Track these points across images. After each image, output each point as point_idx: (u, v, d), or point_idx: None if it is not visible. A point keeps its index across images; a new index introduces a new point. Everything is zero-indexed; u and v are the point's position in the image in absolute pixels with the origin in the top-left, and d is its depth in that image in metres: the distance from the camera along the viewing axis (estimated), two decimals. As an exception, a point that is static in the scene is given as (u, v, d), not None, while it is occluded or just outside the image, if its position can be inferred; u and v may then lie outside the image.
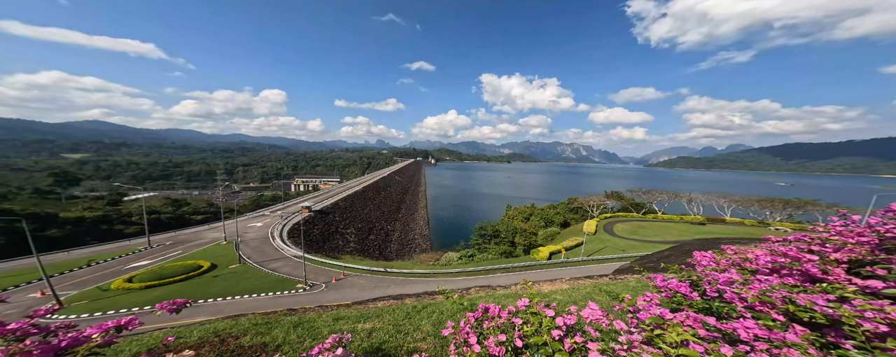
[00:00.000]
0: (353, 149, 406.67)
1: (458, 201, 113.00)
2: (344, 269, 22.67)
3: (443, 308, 3.74)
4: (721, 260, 1.90)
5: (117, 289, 16.70)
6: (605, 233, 42.39)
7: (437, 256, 45.60)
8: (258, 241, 28.86)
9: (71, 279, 18.50)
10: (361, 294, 17.91)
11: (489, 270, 24.79)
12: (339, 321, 3.42)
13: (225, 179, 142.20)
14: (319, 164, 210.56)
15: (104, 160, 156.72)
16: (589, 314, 1.25)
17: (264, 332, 3.08)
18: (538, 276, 23.36)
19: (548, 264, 27.45)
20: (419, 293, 6.05)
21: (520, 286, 7.11)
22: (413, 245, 58.97)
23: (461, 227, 68.54)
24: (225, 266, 21.36)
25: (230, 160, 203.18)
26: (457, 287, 17.95)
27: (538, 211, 60.35)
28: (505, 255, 38.03)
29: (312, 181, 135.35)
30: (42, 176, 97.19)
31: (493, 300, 4.72)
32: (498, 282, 19.80)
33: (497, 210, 79.78)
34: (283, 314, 4.14)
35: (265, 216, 41.76)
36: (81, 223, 33.06)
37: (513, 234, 44.33)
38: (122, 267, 20.95)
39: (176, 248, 25.88)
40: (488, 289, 7.13)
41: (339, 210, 47.64)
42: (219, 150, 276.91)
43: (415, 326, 3.11)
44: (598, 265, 26.30)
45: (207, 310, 14.84)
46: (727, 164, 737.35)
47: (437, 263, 36.43)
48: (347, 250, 38.56)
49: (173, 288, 17.48)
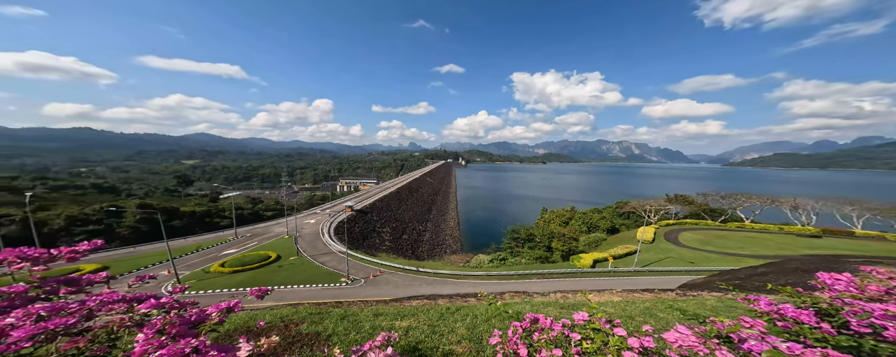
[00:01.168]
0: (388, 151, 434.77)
1: (488, 203, 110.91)
2: (380, 266, 24.49)
3: (476, 311, 3.73)
4: (867, 285, 1.47)
5: (214, 272, 21.32)
6: (667, 242, 36.56)
7: (468, 258, 45.52)
8: (311, 236, 33.25)
9: (185, 261, 24.35)
10: (396, 291, 19.12)
11: (523, 275, 24.00)
12: (378, 317, 3.71)
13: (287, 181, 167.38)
14: (360, 167, 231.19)
15: (207, 165, 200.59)
16: (677, 339, 1.01)
17: (318, 321, 3.51)
18: (580, 284, 21.67)
19: (591, 273, 25.16)
20: (451, 294, 6.15)
21: (560, 295, 6.67)
22: (444, 246, 60.05)
23: (492, 229, 67.39)
24: (287, 257, 25.27)
25: (290, 164, 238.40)
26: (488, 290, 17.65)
27: (579, 215, 55.17)
28: (540, 261, 35.84)
29: (354, 182, 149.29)
30: (169, 178, 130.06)
31: (531, 307, 4.52)
32: (533, 288, 18.91)
33: (531, 213, 76.42)
34: (332, 306, 4.70)
35: (317, 214, 47.84)
36: (193, 216, 43.10)
37: (549, 238, 41.43)
38: (217, 253, 26.64)
39: (253, 240, 31.67)
40: (523, 295, 6.88)
41: (376, 210, 51.57)
42: (283, 155, 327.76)
43: (449, 328, 3.13)
44: (656, 278, 23.29)
45: (273, 296, 17.83)
46: (853, 162, 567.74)
47: (468, 265, 36.35)
48: (383, 248, 41.44)
49: (251, 274, 21.47)
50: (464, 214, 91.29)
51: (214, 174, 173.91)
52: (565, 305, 4.71)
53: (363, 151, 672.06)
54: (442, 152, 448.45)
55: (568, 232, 44.02)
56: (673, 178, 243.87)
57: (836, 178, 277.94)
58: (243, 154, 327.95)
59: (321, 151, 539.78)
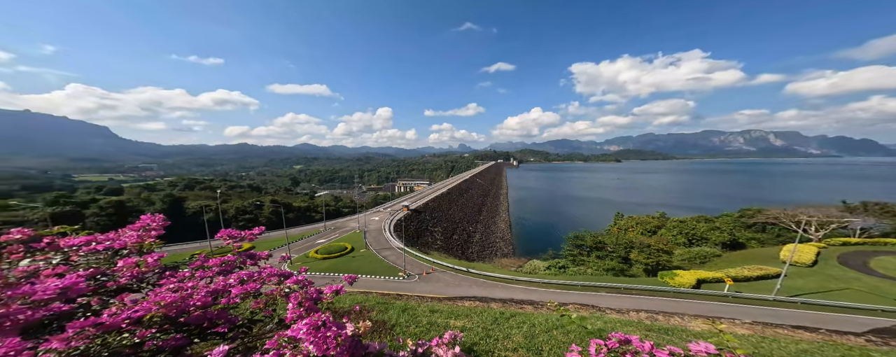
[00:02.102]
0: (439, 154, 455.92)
1: (544, 206, 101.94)
2: (432, 264, 26.29)
3: (534, 320, 3.67)
4: None
5: (311, 257, 27.67)
6: (844, 267, 25.80)
7: (520, 263, 43.19)
8: (376, 232, 38.70)
9: (294, 247, 32.50)
10: (447, 289, 20.17)
11: (589, 287, 21.42)
12: (434, 313, 4.11)
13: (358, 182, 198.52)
14: (414, 169, 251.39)
15: (308, 169, 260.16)
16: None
17: (383, 310, 4.13)
18: (676, 307, 17.59)
19: (693, 294, 20.10)
20: (504, 299, 6.19)
21: (645, 315, 5.83)
22: (494, 248, 58.73)
23: (548, 234, 63.12)
24: (358, 249, 30.36)
25: (360, 167, 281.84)
26: (543, 299, 16.30)
27: (674, 223, 44.26)
28: (613, 273, 30.50)
29: (409, 183, 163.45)
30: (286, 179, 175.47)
31: (604, 324, 4.14)
32: (604, 303, 17.00)
33: (599, 218, 67.73)
34: (394, 298, 5.51)
35: (380, 212, 55.09)
36: (299, 210, 57.12)
37: (626, 248, 34.64)
38: (313, 241, 34.47)
39: (336, 232, 39.37)
40: (593, 309, 6.29)
41: (428, 210, 55.21)
42: (354, 160, 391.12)
43: (504, 334, 3.16)
44: (817, 313, 16.91)
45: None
46: None
47: (520, 270, 34.44)
48: (435, 247, 44.02)
49: (334, 261, 26.89)
50: (515, 217, 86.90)
51: (312, 176, 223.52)
52: (654, 329, 4.10)
53: (417, 154, 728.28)
54: (492, 153, 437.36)
55: (655, 242, 35.76)
56: (854, 179, 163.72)
57: None
58: (329, 160, 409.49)
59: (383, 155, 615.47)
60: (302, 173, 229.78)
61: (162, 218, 1.70)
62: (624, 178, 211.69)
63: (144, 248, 1.49)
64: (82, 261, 1.34)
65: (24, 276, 1.13)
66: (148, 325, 1.02)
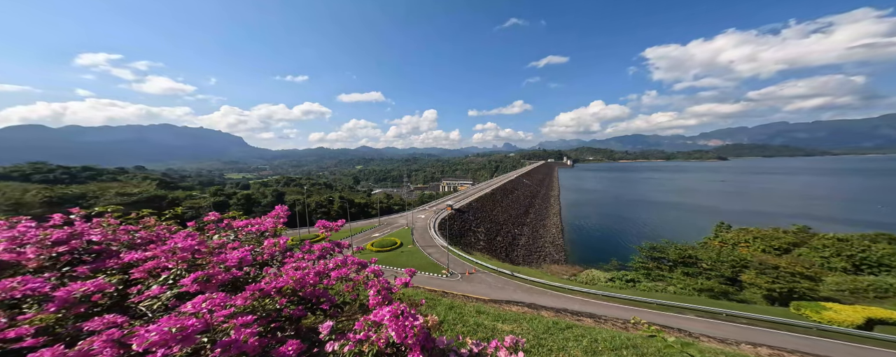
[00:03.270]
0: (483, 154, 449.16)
1: (606, 210, 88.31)
2: (475, 264, 26.26)
3: (596, 335, 3.34)
4: None
5: (368, 250, 31.56)
6: None
7: (574, 271, 38.63)
8: (422, 229, 41.10)
9: (356, 239, 37.56)
10: (490, 291, 19.85)
11: (670, 307, 17.67)
12: (480, 314, 4.09)
13: (407, 181, 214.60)
14: (458, 169, 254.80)
15: (366, 169, 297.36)
16: None
17: (431, 306, 4.23)
18: (819, 348, 13.07)
19: (854, 336, 14.26)
20: (557, 308, 5.81)
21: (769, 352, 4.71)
22: (543, 253, 54.18)
23: (611, 242, 55.38)
24: (406, 245, 32.93)
25: (409, 167, 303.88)
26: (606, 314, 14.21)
27: (823, 241, 31.88)
28: (709, 294, 23.89)
29: (453, 183, 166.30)
30: (349, 178, 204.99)
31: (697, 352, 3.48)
32: (694, 328, 13.89)
33: (688, 228, 56.16)
34: (440, 295, 5.79)
35: (426, 210, 58.19)
36: (360, 206, 66.02)
37: (734, 267, 26.63)
38: (370, 234, 39.17)
39: (388, 227, 43.70)
40: (678, 333, 5.35)
41: (472, 210, 55.18)
42: (403, 160, 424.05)
43: (559, 346, 3.02)
44: None
45: (393, 274, 23.78)
46: None
47: (574, 279, 30.75)
48: (478, 247, 43.68)
49: (386, 255, 29.95)
50: (569, 221, 77.73)
51: (369, 175, 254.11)
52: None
53: (460, 154, 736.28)
54: (541, 152, 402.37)
55: (789, 264, 26.21)
56: None
57: None
58: (382, 160, 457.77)
59: (428, 156, 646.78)
60: (361, 173, 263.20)
61: (286, 209, 2.15)
62: (732, 179, 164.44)
63: (278, 231, 2.00)
64: (245, 238, 1.91)
65: (217, 248, 1.66)
66: (284, 294, 1.37)
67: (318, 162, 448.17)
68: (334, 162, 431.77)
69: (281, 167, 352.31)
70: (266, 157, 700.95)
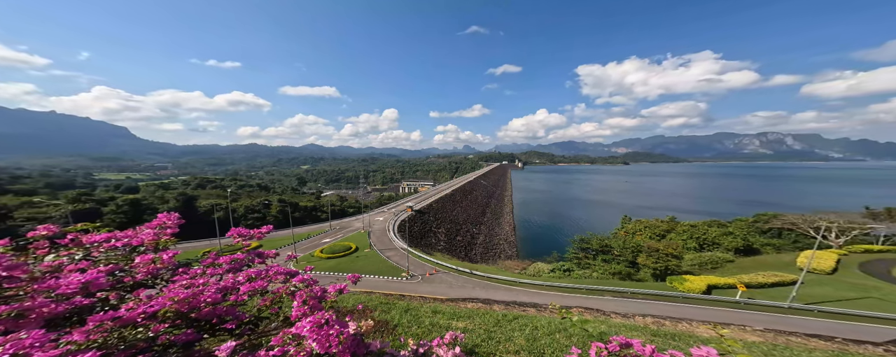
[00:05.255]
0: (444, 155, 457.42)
1: (549, 208, 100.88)
2: (436, 265, 26.29)
3: (537, 322, 3.67)
4: None
5: (317, 256, 28.06)
6: (867, 275, 25.32)
7: (524, 265, 42.83)
8: (380, 232, 38.97)
9: (301, 246, 33.07)
10: (450, 291, 20.13)
11: (594, 290, 21.17)
12: (436, 314, 4.12)
13: (363, 183, 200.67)
14: (419, 170, 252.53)
15: (314, 169, 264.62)
16: None
17: (386, 310, 4.16)
18: (683, 312, 17.37)
19: (702, 300, 19.68)
20: (507, 302, 6.16)
21: (651, 320, 5.75)
22: (498, 250, 58.30)
23: (552, 237, 62.52)
24: (362, 249, 30.64)
25: (366, 167, 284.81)
26: (546, 302, 16.10)
27: (684, 227, 43.24)
28: (619, 277, 29.96)
29: (413, 184, 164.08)
30: (293, 179, 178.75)
31: (608, 328, 4.11)
32: (608, 307, 16.78)
33: (605, 221, 66.98)
34: (397, 298, 5.54)
35: (384, 212, 55.48)
36: (306, 210, 58.07)
37: (633, 252, 33.92)
38: (319, 240, 34.95)
39: (340, 232, 39.84)
40: (597, 313, 6.24)
41: (432, 211, 55.31)
42: (360, 160, 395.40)
43: (506, 336, 3.16)
44: (834, 322, 16.60)
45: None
46: None
47: (524, 273, 34.16)
48: (438, 248, 44.01)
49: (339, 261, 27.20)
50: (520, 219, 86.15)
51: (318, 176, 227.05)
52: (660, 333, 4.01)
53: (421, 155, 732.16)
54: (497, 154, 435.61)
55: (664, 247, 34.88)
56: (878, 184, 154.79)
57: None
58: (335, 160, 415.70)
59: (388, 156, 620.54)
60: (308, 173, 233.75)
61: (177, 216, 1.76)
62: (632, 181, 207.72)
63: (160, 245, 1.56)
64: (102, 257, 1.42)
65: (49, 271, 1.21)
66: (162, 319, 1.07)
67: (250, 160, 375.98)
68: (272, 161, 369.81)
69: (191, 165, 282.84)
70: (169, 153, 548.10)
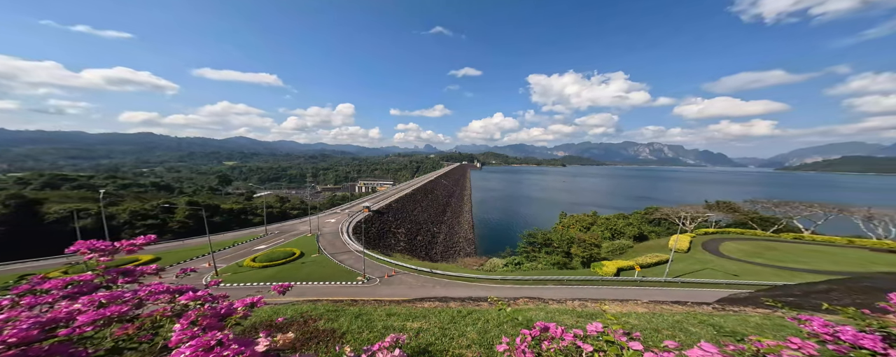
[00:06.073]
0: (404, 154, 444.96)
1: (504, 206, 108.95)
2: (395, 266, 25.14)
3: (488, 316, 3.74)
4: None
5: (246, 266, 23.37)
6: (706, 252, 33.55)
7: (482, 261, 45.05)
8: (331, 235, 35.09)
9: (223, 255, 26.98)
10: (410, 292, 19.50)
11: (539, 281, 23.40)
12: (391, 317, 3.88)
13: (311, 181, 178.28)
14: (377, 168, 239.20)
15: (244, 166, 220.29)
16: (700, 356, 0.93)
17: (334, 318, 3.71)
18: (601, 293, 20.67)
19: (614, 281, 23.83)
20: (464, 298, 6.20)
21: (578, 303, 6.45)
22: (458, 248, 59.96)
23: (507, 232, 66.37)
24: (309, 254, 26.96)
25: (315, 165, 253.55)
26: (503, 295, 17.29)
27: (602, 220, 52.17)
28: (558, 267, 34.47)
29: (371, 183, 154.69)
30: (213, 177, 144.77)
31: (545, 314, 4.46)
32: (549, 294, 18.28)
33: (548, 217, 74.50)
34: (348, 304, 5.01)
35: (337, 213, 50.32)
36: (231, 213, 47.70)
37: (568, 244, 39.64)
38: (250, 248, 29.17)
39: (281, 237, 34.19)
40: (539, 301, 6.77)
41: (391, 211, 53.02)
42: (308, 157, 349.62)
43: (460, 332, 3.17)
44: (690, 290, 21.52)
45: (296, 291, 19.08)
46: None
47: (482, 269, 35.95)
48: (398, 249, 42.43)
49: (278, 269, 23.24)
50: (478, 217, 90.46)
51: (250, 174, 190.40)
52: (583, 314, 4.57)
53: (381, 153, 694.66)
54: (457, 154, 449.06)
55: (589, 238, 41.73)
56: (714, 184, 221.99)
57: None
58: (274, 156, 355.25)
59: (342, 153, 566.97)
60: (235, 171, 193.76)
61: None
62: (567, 180, 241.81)
63: None
64: None
65: None
66: None
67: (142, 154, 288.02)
68: (180, 155, 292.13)
69: (36, 158, 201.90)
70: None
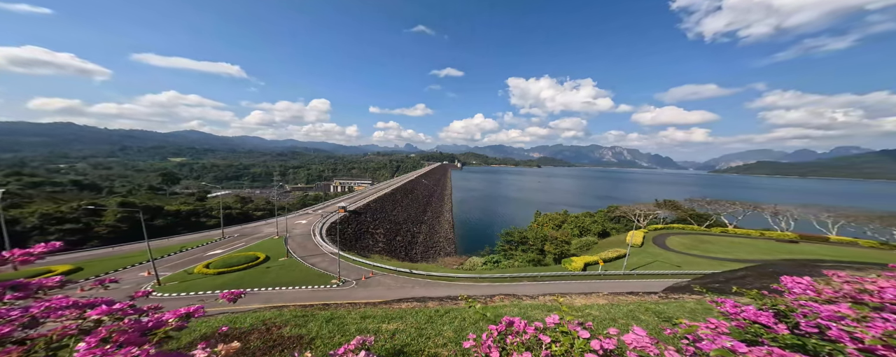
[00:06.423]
0: (384, 153, 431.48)
1: (483, 205, 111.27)
2: (373, 268, 24.10)
3: (465, 315, 3.70)
4: (823, 288, 1.53)
5: (198, 273, 20.54)
6: (655, 246, 37.35)
7: (462, 260, 45.37)
8: (302, 237, 32.53)
9: (168, 262, 23.40)
10: (388, 293, 18.80)
11: (515, 278, 24.03)
12: (365, 319, 3.63)
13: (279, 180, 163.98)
14: (354, 167, 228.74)
15: (196, 163, 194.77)
16: (633, 340, 1.06)
17: (302, 324, 3.40)
18: (570, 287, 21.82)
19: (582, 276, 25.40)
20: (442, 297, 6.07)
21: (550, 298, 6.64)
22: (438, 248, 59.76)
23: (487, 231, 67.55)
24: (276, 258, 24.61)
25: (284, 163, 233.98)
26: (481, 293, 17.61)
27: (572, 218, 55.83)
28: (533, 264, 36.02)
29: (348, 183, 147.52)
30: (154, 175, 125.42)
31: (519, 310, 4.53)
32: (524, 291, 19.02)
33: (525, 216, 77.01)
34: (319, 308, 4.59)
35: (309, 214, 46.92)
36: (178, 215, 41.63)
37: (542, 241, 41.76)
38: (202, 254, 25.72)
39: (241, 240, 30.75)
40: (514, 297, 6.85)
41: (370, 211, 50.98)
42: (276, 154, 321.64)
43: (436, 331, 3.11)
44: (643, 281, 23.66)
45: (260, 298, 17.25)
46: (832, 171, 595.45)
47: (462, 268, 36.20)
48: (376, 250, 40.91)
49: (237, 275, 20.78)
50: (459, 216, 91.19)
51: (203, 172, 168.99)
52: (552, 308, 4.72)
53: (358, 152, 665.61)
54: (438, 154, 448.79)
55: (560, 235, 44.40)
56: (662, 184, 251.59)
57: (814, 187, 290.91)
58: (234, 152, 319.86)
59: (316, 151, 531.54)
60: (185, 168, 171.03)
61: None
62: (542, 181, 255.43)
63: None
64: None
65: None
66: None
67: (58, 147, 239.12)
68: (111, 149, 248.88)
69: None
70: None
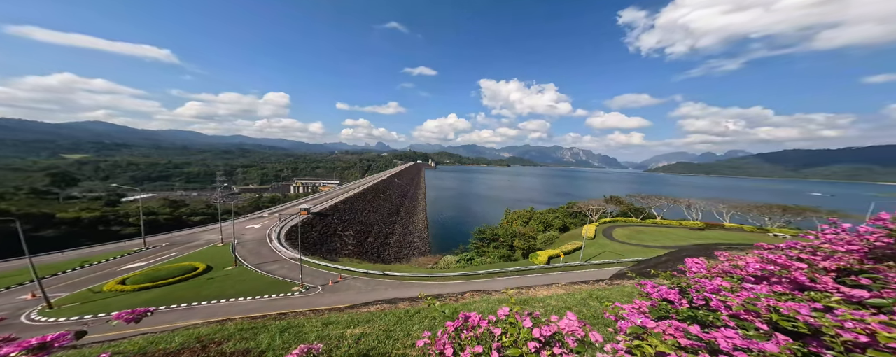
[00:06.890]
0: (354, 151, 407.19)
1: (457, 204, 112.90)
2: (341, 271, 22.47)
3: (436, 314, 3.66)
4: (712, 266, 1.85)
5: (110, 291, 16.49)
6: (605, 237, 42.22)
7: (436, 260, 45.31)
8: (255, 243, 28.66)
9: (64, 281, 18.28)
10: (358, 297, 17.72)
11: (487, 274, 24.66)
12: (328, 326, 3.33)
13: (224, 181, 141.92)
14: (320, 167, 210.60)
15: (104, 161, 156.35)
16: (566, 325, 1.16)
17: (250, 337, 3.04)
18: (536, 280, 23.12)
19: (546, 269, 27.14)
20: (414, 297, 5.93)
21: (515, 291, 6.98)
22: (412, 248, 58.63)
23: (460, 230, 68.28)
24: (220, 268, 21.17)
25: (230, 161, 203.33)
26: (454, 291, 17.75)
27: (537, 215, 60.09)
28: (504, 259, 37.71)
29: (312, 183, 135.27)
30: (40, 176, 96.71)
31: (487, 305, 4.68)
32: (494, 286, 19.58)
33: (496, 213, 79.91)
34: (273, 318, 4.07)
35: (263, 218, 41.57)
36: (77, 224, 32.84)
37: (512, 237, 44.08)
38: (116, 268, 20.74)
39: (172, 250, 25.67)
40: (484, 293, 7.03)
41: (337, 212, 47.45)
42: (219, 152, 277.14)
43: (405, 332, 3.03)
44: (596, 270, 26.05)
45: (201, 312, 14.64)
46: (726, 170, 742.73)
47: (436, 267, 36.13)
48: (346, 253, 38.29)
49: (167, 290, 17.28)
50: (433, 216, 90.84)
51: (114, 172, 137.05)
52: (518, 301, 5.00)
53: (324, 150, 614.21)
54: (411, 153, 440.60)
55: (527, 231, 47.45)
56: (609, 182, 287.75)
57: (714, 183, 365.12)
58: (160, 148, 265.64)
59: (271, 148, 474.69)
60: (86, 166, 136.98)
61: None
62: (511, 179, 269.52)
63: None
64: None
65: None
66: None
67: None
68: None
69: None
70: None
